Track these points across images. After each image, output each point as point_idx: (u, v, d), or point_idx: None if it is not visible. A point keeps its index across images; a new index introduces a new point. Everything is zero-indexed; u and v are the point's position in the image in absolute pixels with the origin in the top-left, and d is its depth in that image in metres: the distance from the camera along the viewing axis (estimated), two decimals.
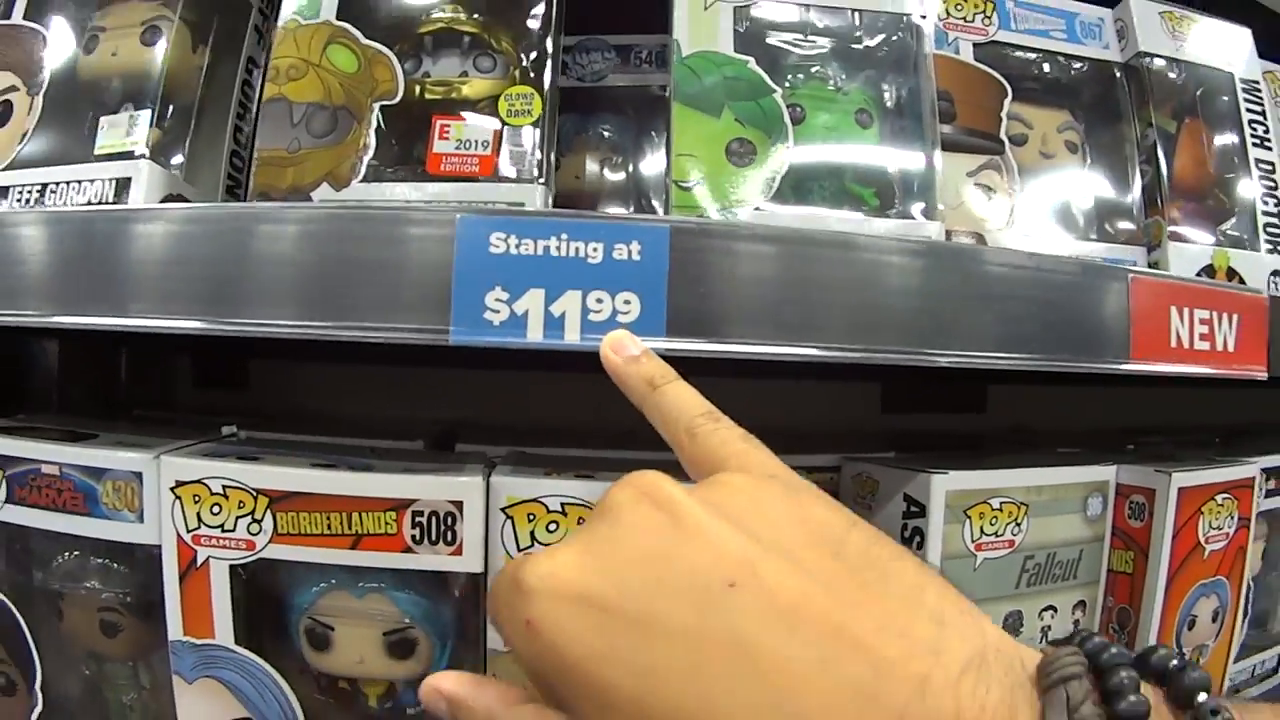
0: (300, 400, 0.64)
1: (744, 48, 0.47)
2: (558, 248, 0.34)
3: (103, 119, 0.42)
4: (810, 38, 0.48)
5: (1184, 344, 0.47)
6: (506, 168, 0.41)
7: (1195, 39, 0.59)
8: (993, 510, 0.50)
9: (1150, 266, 0.55)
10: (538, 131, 0.42)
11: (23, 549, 0.42)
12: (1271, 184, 0.58)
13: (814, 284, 0.36)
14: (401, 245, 0.34)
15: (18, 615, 0.43)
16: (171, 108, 0.43)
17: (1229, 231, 0.57)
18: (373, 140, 0.42)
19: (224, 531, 0.38)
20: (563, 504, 0.40)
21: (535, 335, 0.34)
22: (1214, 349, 0.47)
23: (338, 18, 0.44)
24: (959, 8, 0.53)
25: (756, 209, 0.44)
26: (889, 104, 0.48)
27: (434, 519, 0.38)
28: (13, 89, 0.44)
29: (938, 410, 0.79)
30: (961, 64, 0.52)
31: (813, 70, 0.48)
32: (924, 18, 0.49)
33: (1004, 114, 0.53)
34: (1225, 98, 0.59)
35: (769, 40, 0.48)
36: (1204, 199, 0.57)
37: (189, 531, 0.39)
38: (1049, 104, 0.56)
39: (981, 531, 0.50)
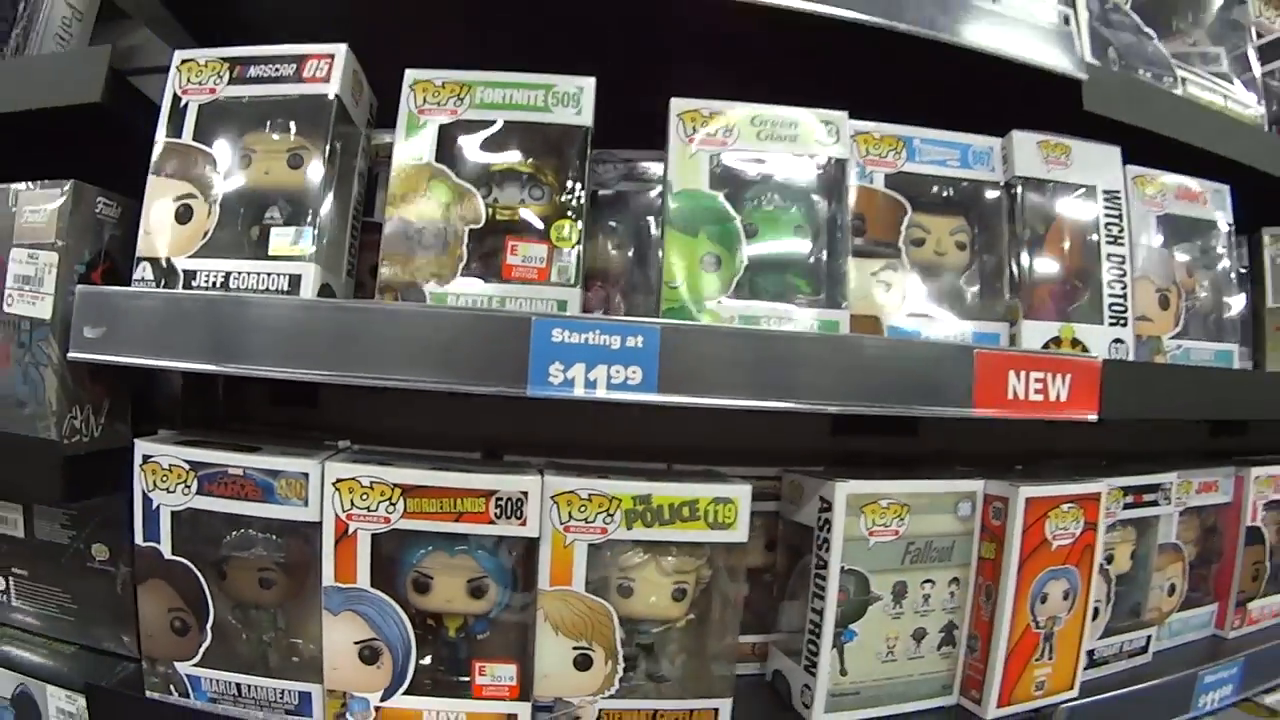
0: (357, 418, 0.96)
1: (716, 184, 0.80)
2: (593, 339, 0.67)
3: (273, 230, 0.73)
4: (762, 175, 0.82)
5: (1020, 396, 0.81)
6: (555, 276, 0.74)
7: (1069, 159, 0.91)
8: (881, 508, 0.84)
9: (1011, 340, 0.88)
10: (575, 251, 0.75)
11: (205, 528, 0.73)
12: (1120, 272, 0.91)
13: (749, 360, 0.70)
14: (498, 335, 0.66)
15: (199, 575, 0.74)
16: (314, 215, 0.74)
17: (1080, 309, 0.90)
18: (465, 252, 0.74)
19: (369, 512, 0.71)
20: (589, 494, 0.73)
21: (579, 391, 0.67)
22: (1047, 399, 0.82)
23: (436, 160, 0.76)
24: (876, 147, 0.87)
25: (719, 302, 0.77)
26: (819, 222, 0.82)
27: (509, 502, 0.71)
28: (191, 195, 0.75)
29: (877, 433, 1.13)
30: (873, 190, 0.86)
31: (763, 198, 0.82)
32: (846, 159, 0.83)
33: (903, 226, 0.87)
34: (1087, 205, 0.91)
35: (733, 177, 0.81)
36: (1062, 284, 0.91)
37: (344, 511, 0.71)
38: (944, 213, 0.90)
39: (874, 522, 0.83)
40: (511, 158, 0.78)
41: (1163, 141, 0.95)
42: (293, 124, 0.74)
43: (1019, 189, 0.89)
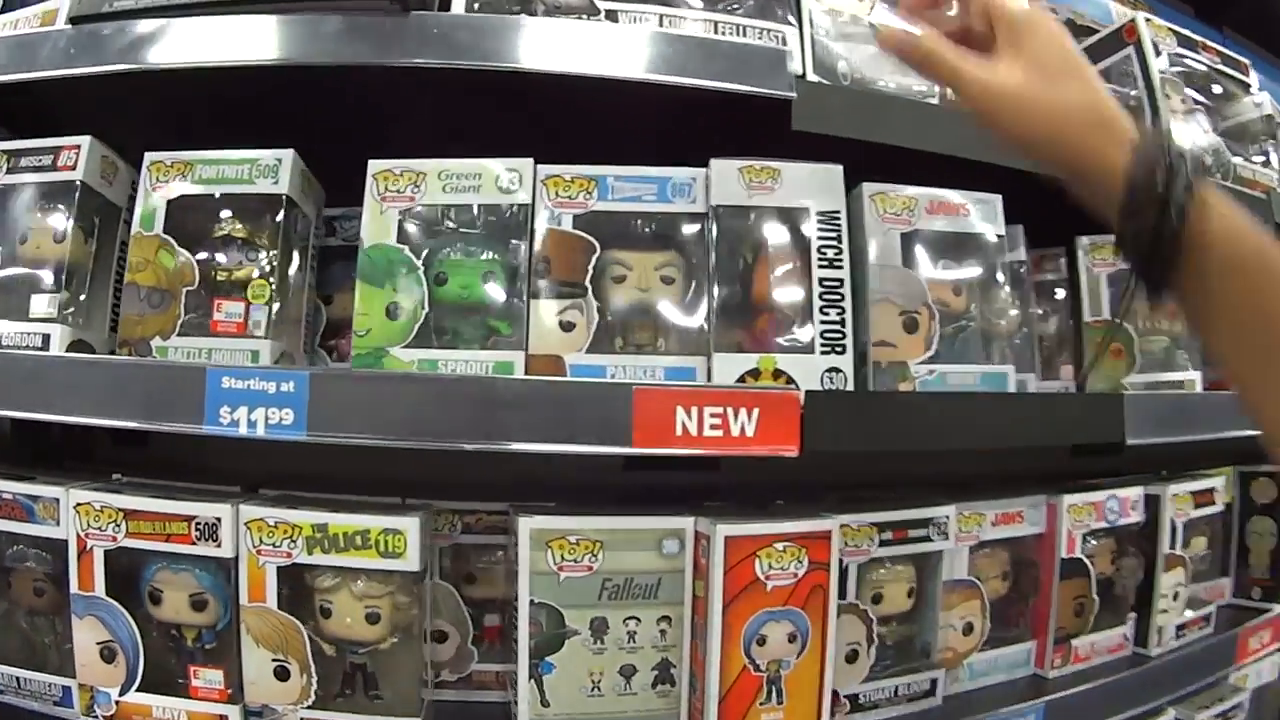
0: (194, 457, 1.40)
1: (403, 238, 1.17)
2: (254, 385, 1.06)
3: (33, 295, 1.17)
4: (450, 226, 1.17)
5: (691, 432, 1.08)
6: (251, 330, 1.14)
7: (778, 182, 1.19)
8: (570, 544, 1.16)
9: (707, 374, 1.16)
10: (267, 307, 1.14)
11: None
12: (835, 296, 1.16)
13: (389, 402, 1.05)
14: (181, 382, 1.07)
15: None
16: (74, 281, 1.18)
17: (786, 340, 1.16)
18: (182, 311, 1.16)
19: (101, 531, 1.13)
20: (276, 521, 1.12)
21: (244, 430, 1.06)
22: (729, 435, 1.08)
23: (164, 232, 1.18)
24: (566, 189, 1.18)
25: (402, 347, 1.14)
26: (508, 265, 1.16)
27: (206, 526, 1.12)
28: None
29: (674, 469, 1.42)
30: (560, 232, 1.18)
31: (453, 247, 1.17)
32: (529, 204, 1.16)
33: (591, 265, 1.17)
34: (799, 229, 1.19)
35: (422, 230, 1.17)
36: (769, 313, 1.17)
37: (83, 531, 1.14)
38: (649, 248, 1.19)
39: (562, 557, 1.16)
40: (227, 226, 1.19)
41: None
42: (53, 204, 1.19)
43: (715, 218, 1.17)
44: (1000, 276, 1.27)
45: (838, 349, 1.16)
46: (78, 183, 1.19)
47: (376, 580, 1.14)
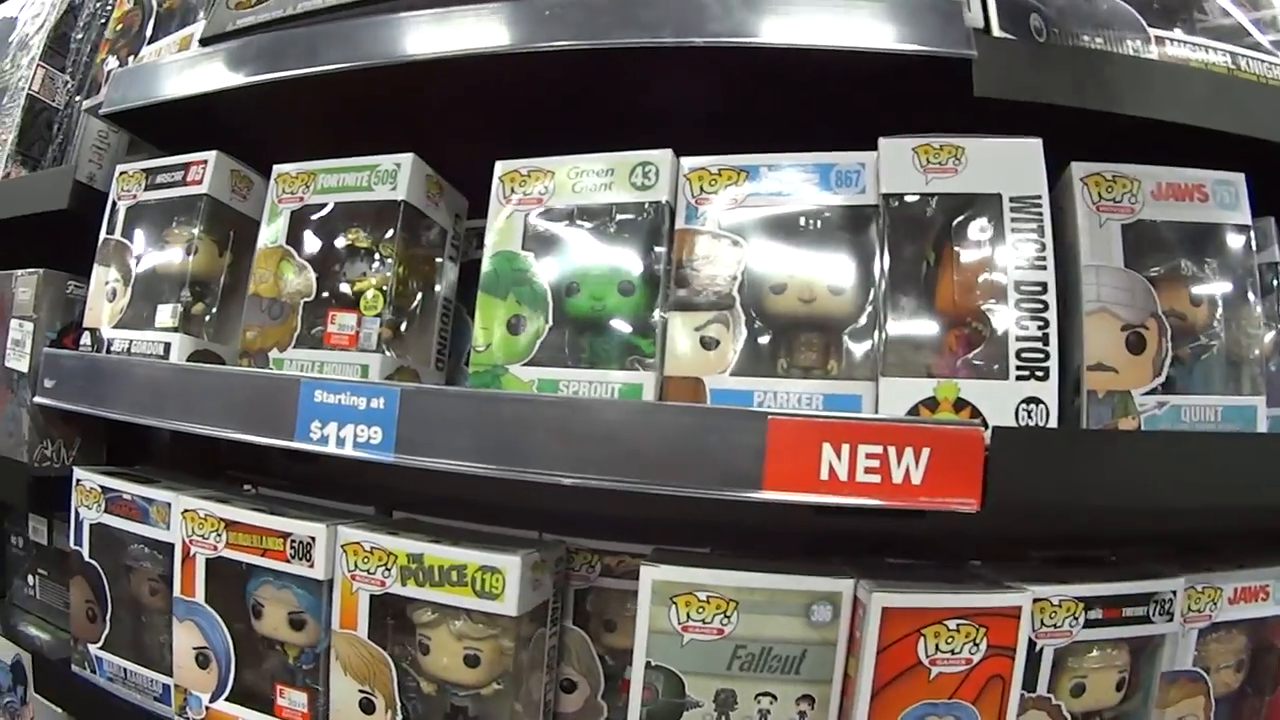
0: (349, 475, 1.32)
1: (529, 245, 1.01)
2: (347, 401, 0.93)
3: (159, 305, 1.11)
4: (580, 230, 1.00)
5: (840, 477, 0.85)
6: (362, 343, 1.02)
7: (961, 163, 0.90)
8: (699, 601, 0.95)
9: (875, 402, 0.91)
10: (377, 319, 1.01)
11: (110, 540, 1.13)
12: (1036, 306, 0.85)
13: (485, 425, 0.89)
14: (275, 394, 0.96)
15: (102, 575, 1.13)
16: (206, 293, 1.12)
17: (973, 361, 0.85)
18: (299, 323, 1.06)
19: (204, 539, 1.04)
20: (372, 547, 0.98)
21: (334, 447, 0.93)
22: (887, 481, 0.81)
23: (287, 243, 1.09)
24: (712, 183, 0.98)
25: (522, 365, 0.97)
26: (647, 275, 0.97)
27: (300, 545, 1.01)
28: (116, 280, 1.17)
29: (870, 514, 1.17)
30: (701, 233, 0.96)
31: (586, 253, 0.99)
32: (669, 201, 0.97)
33: (740, 271, 0.95)
34: (989, 222, 0.88)
35: (551, 236, 1.01)
36: (955, 328, 0.87)
37: (188, 537, 1.06)
38: (814, 251, 0.94)
39: (688, 616, 0.95)
40: (351, 235, 1.08)
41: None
42: (186, 218, 1.14)
43: (886, 210, 0.91)
44: (1249, 282, 0.94)
45: (1038, 374, 0.85)
46: (205, 196, 1.14)
47: (479, 620, 0.99)
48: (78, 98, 1.39)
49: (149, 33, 1.27)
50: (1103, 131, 0.92)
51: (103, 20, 1.38)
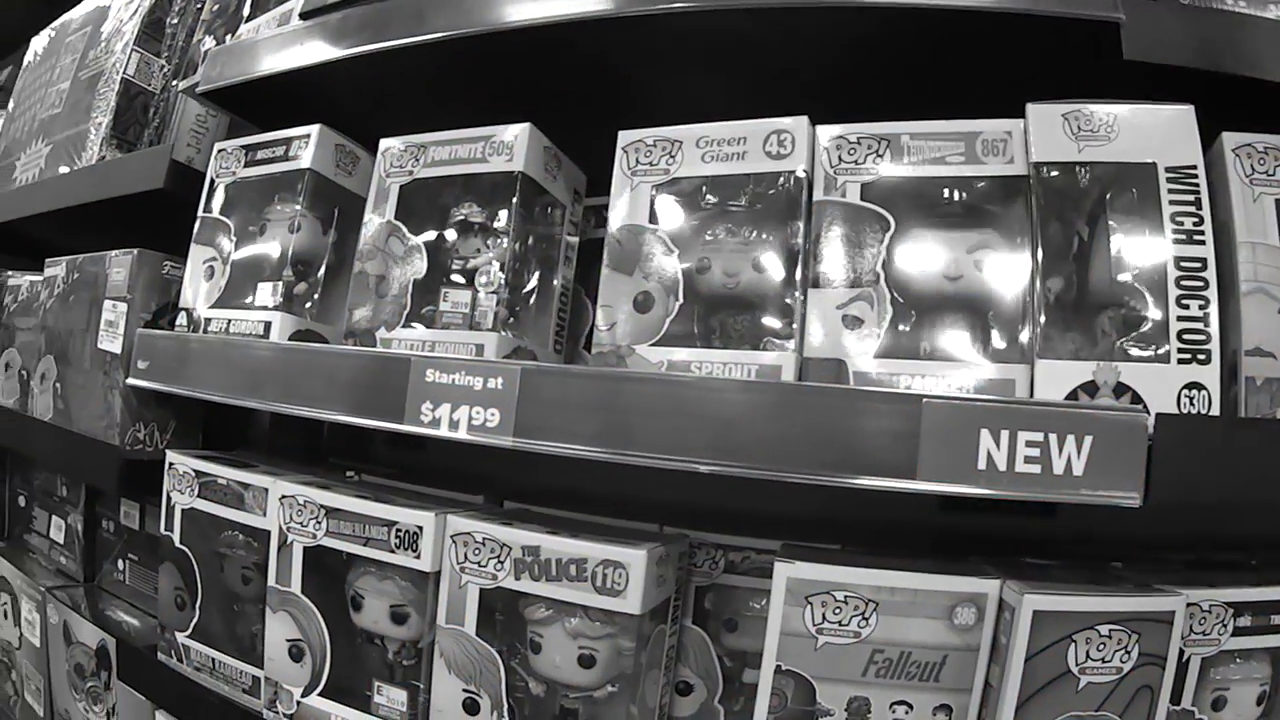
0: (457, 462, 1.23)
1: (655, 218, 0.92)
2: (461, 381, 0.84)
3: (259, 283, 1.04)
4: (712, 201, 0.91)
5: (998, 466, 0.74)
6: (477, 321, 0.93)
7: (1113, 130, 0.80)
8: (836, 601, 0.85)
9: (1029, 387, 0.81)
10: (494, 297, 0.93)
11: (202, 526, 1.06)
12: (1198, 283, 0.76)
13: (610, 407, 0.80)
14: (384, 375, 0.87)
15: (193, 562, 1.05)
16: (309, 271, 1.04)
17: (1132, 343, 0.76)
18: (409, 301, 0.97)
19: (302, 526, 0.96)
20: (484, 538, 0.89)
21: (446, 430, 0.85)
22: (1048, 471, 0.70)
23: (396, 218, 1.01)
24: (851, 152, 0.88)
25: (650, 345, 0.88)
26: (783, 249, 0.88)
27: (406, 534, 0.92)
28: (214, 258, 1.10)
29: (998, 512, 1.06)
30: (843, 205, 0.87)
31: (717, 227, 0.90)
32: (807, 171, 0.88)
33: (884, 246, 0.87)
34: (1145, 193, 0.79)
35: (678, 208, 0.91)
36: (1111, 307, 0.78)
37: (285, 524, 0.97)
38: (957, 225, 0.83)
39: (824, 617, 0.85)
40: (464, 210, 0.99)
41: None
42: (289, 195, 1.07)
43: (1037, 180, 0.81)
44: None
45: (1200, 357, 0.75)
46: (307, 171, 1.06)
47: (595, 618, 0.89)
48: (174, 82, 1.33)
49: (246, 11, 1.20)
50: (1246, 100, 0.82)
51: (198, 4, 1.32)
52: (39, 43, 1.69)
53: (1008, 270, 0.83)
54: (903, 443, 0.74)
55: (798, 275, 0.86)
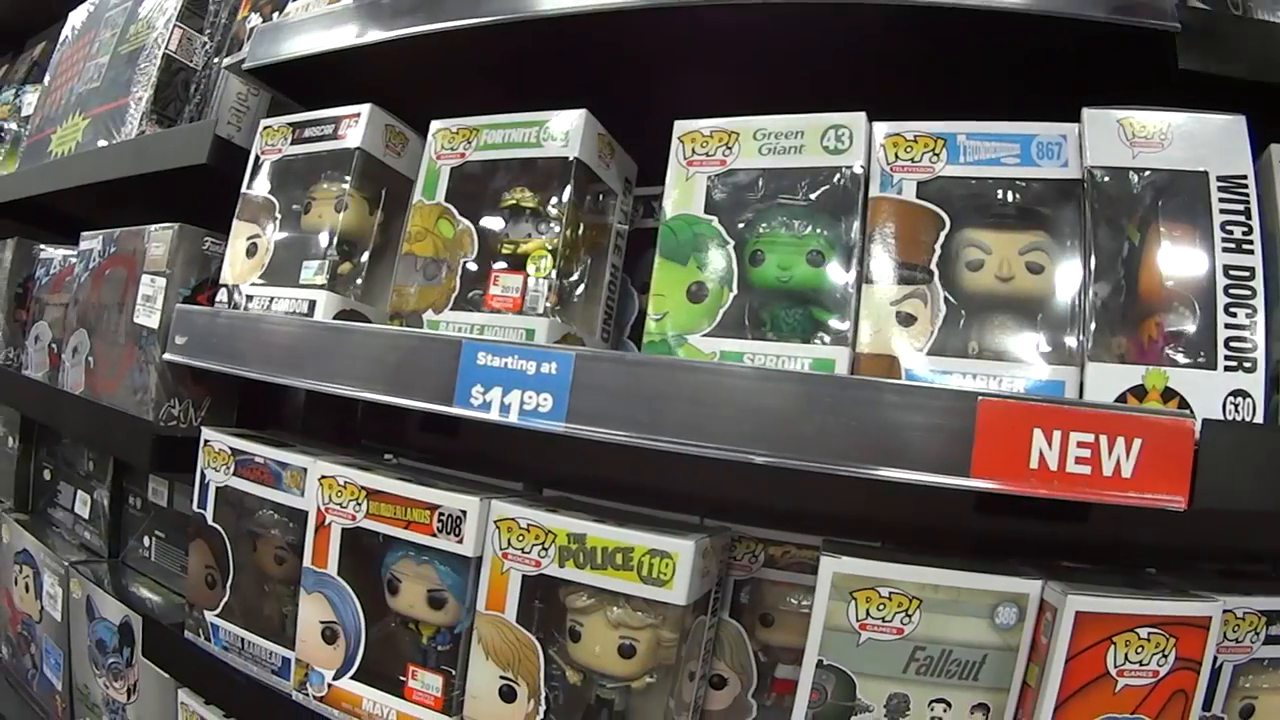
0: (492, 448, 1.20)
1: (712, 208, 0.89)
2: (514, 365, 0.81)
3: (305, 261, 1.00)
4: (767, 193, 0.87)
5: (1050, 466, 0.71)
6: (527, 306, 0.90)
7: (1167, 138, 0.78)
8: (880, 597, 0.82)
9: (1079, 389, 0.78)
10: (546, 282, 0.89)
11: (237, 504, 1.02)
12: (1245, 292, 0.75)
13: (666, 395, 0.77)
14: (433, 356, 0.84)
15: (226, 541, 1.01)
16: (355, 251, 1.00)
17: (1180, 349, 0.74)
18: (458, 284, 0.94)
19: (341, 508, 0.93)
20: (528, 524, 0.86)
21: (496, 414, 0.81)
22: (1097, 473, 0.69)
23: (446, 200, 0.97)
24: (907, 150, 0.86)
25: (703, 336, 0.85)
26: (839, 243, 0.85)
27: (450, 518, 0.89)
28: (257, 235, 1.06)
29: (1032, 516, 1.04)
30: (898, 202, 0.84)
31: (772, 220, 0.87)
32: (861, 167, 0.85)
33: (938, 245, 0.84)
34: (1196, 201, 0.77)
35: (735, 200, 0.88)
36: (1161, 313, 0.76)
37: (324, 504, 0.94)
38: (1012, 227, 0.81)
39: (867, 613, 0.82)
40: (516, 194, 0.96)
41: None
42: (336, 174, 1.03)
43: (1091, 185, 0.79)
44: None
45: (1246, 365, 0.74)
46: (356, 150, 1.02)
47: (638, 608, 0.86)
48: (216, 59, 1.29)
49: None
50: None
51: None
52: (77, 17, 1.65)
53: (1059, 272, 0.81)
54: (957, 440, 0.72)
55: (851, 270, 0.83)
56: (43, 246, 1.52)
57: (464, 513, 0.89)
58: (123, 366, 1.16)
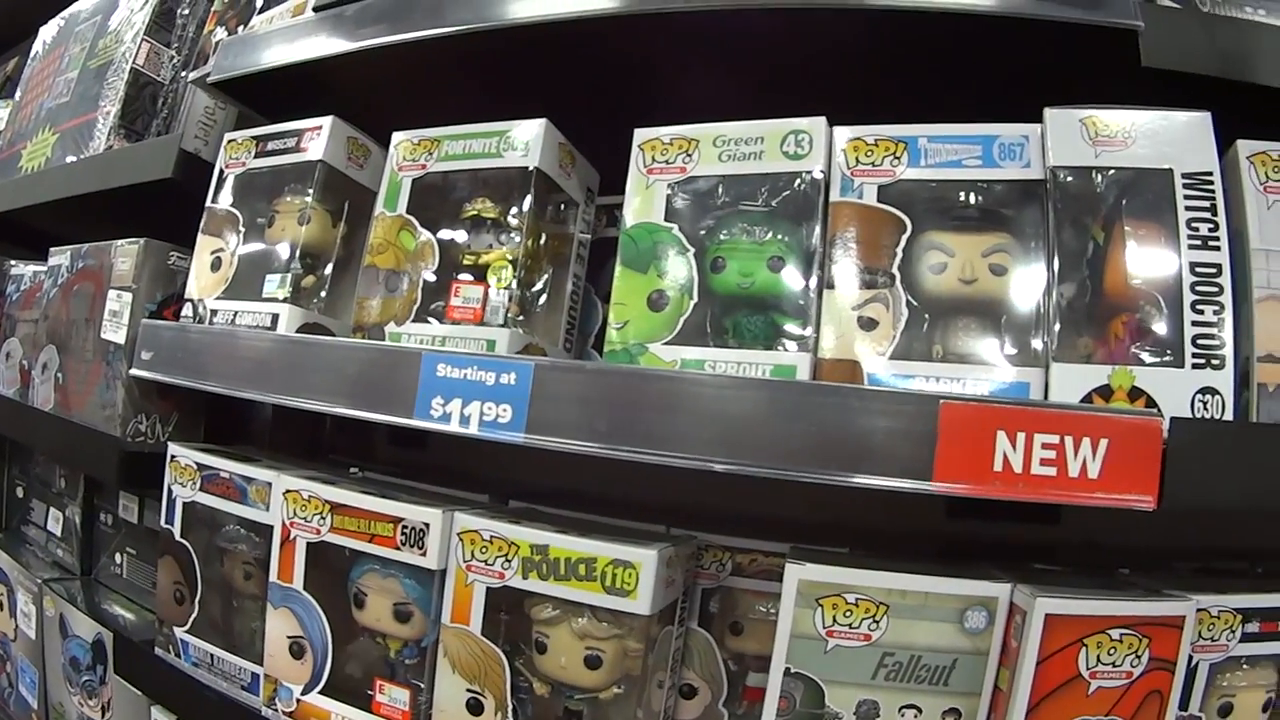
0: (460, 461, 1.18)
1: (671, 216, 0.87)
2: (474, 376, 0.80)
3: (268, 274, 0.98)
4: (727, 200, 0.86)
5: (1014, 468, 0.70)
6: (488, 317, 0.88)
7: (1130, 136, 0.77)
8: (847, 604, 0.81)
9: (1044, 390, 0.76)
10: (506, 293, 0.88)
11: (203, 519, 1.00)
12: (1212, 289, 0.74)
13: (625, 404, 0.76)
14: (393, 369, 0.83)
15: (193, 556, 1.00)
16: (317, 264, 0.99)
17: (1146, 348, 0.73)
18: (419, 296, 0.92)
19: (306, 522, 0.91)
20: (491, 536, 0.84)
21: (456, 426, 0.80)
22: (1063, 474, 0.67)
23: (407, 212, 0.96)
24: (868, 154, 0.84)
25: (664, 344, 0.83)
26: (799, 250, 0.84)
27: (412, 531, 0.87)
28: (220, 250, 1.04)
29: (1003, 519, 1.03)
30: (858, 207, 0.83)
31: (733, 227, 0.86)
32: (824, 172, 0.84)
33: (900, 248, 0.82)
34: (1161, 198, 0.76)
35: (696, 207, 0.87)
36: (1126, 312, 0.75)
37: (288, 519, 0.92)
38: (974, 229, 0.80)
39: (834, 620, 0.80)
40: (477, 205, 0.95)
41: None
42: (299, 187, 1.02)
43: (1054, 185, 0.78)
44: None
45: (1214, 362, 0.73)
46: (319, 163, 1.01)
47: (603, 619, 0.85)
48: (183, 73, 1.28)
49: (259, 2, 1.14)
50: (1262, 109, 0.79)
51: None
52: (48, 32, 1.63)
53: (1023, 274, 0.80)
54: (919, 444, 0.71)
55: (813, 276, 0.82)
56: (13, 262, 1.50)
57: (427, 525, 0.87)
58: (91, 382, 1.14)
